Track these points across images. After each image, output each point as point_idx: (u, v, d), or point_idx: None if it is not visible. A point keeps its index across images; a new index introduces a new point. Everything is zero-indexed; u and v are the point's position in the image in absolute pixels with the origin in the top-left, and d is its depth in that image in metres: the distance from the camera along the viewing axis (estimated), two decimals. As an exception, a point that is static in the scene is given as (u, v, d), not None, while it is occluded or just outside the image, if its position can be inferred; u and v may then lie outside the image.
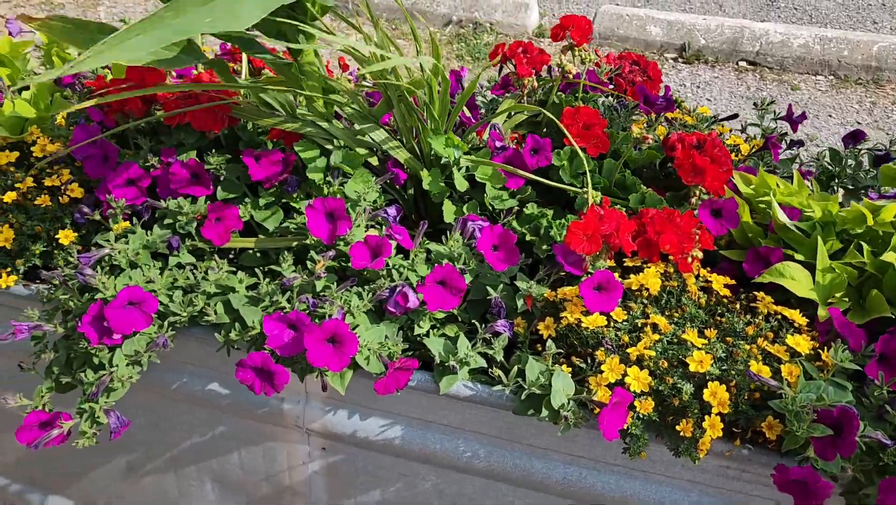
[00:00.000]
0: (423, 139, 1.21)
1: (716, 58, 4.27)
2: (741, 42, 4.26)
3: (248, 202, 1.16)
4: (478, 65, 4.30)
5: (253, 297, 1.05)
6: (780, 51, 4.22)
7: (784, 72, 4.22)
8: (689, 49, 4.30)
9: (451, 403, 1.05)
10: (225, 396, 1.16)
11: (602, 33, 4.37)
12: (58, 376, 1.05)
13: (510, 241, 1.07)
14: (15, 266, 1.14)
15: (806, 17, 5.08)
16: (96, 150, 1.16)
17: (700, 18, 4.42)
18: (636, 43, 4.38)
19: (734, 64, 4.26)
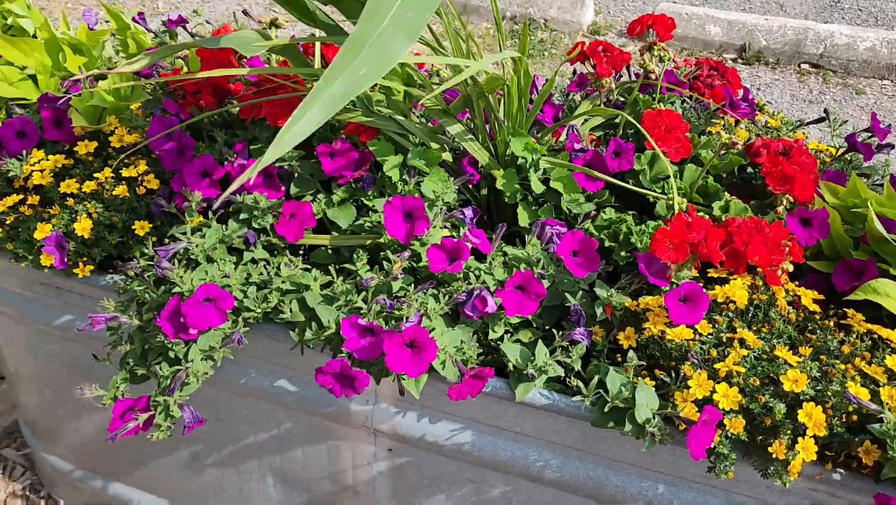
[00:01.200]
0: (500, 139, 1.19)
1: (777, 59, 4.16)
2: (804, 44, 4.15)
3: (322, 199, 1.14)
4: (532, 62, 4.25)
5: (327, 295, 1.03)
6: (844, 53, 4.09)
7: (848, 75, 4.09)
8: (750, 50, 4.20)
9: (524, 410, 1.03)
10: (292, 394, 1.15)
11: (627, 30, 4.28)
12: (132, 368, 1.05)
13: (591, 246, 1.04)
14: (91, 255, 1.15)
15: (871, 18, 4.92)
16: (173, 143, 1.16)
17: (762, 19, 4.31)
18: (694, 42, 4.28)
19: (796, 66, 4.15)
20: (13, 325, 1.35)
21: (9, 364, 1.48)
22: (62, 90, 1.29)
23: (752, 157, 1.22)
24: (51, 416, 1.49)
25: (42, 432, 1.57)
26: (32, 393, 1.49)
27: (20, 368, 1.45)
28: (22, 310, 1.29)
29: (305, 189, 1.15)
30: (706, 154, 1.23)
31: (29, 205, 1.15)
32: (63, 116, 1.21)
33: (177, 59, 1.33)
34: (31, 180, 1.18)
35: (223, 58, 1.14)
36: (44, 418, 1.53)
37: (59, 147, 1.22)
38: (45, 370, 1.39)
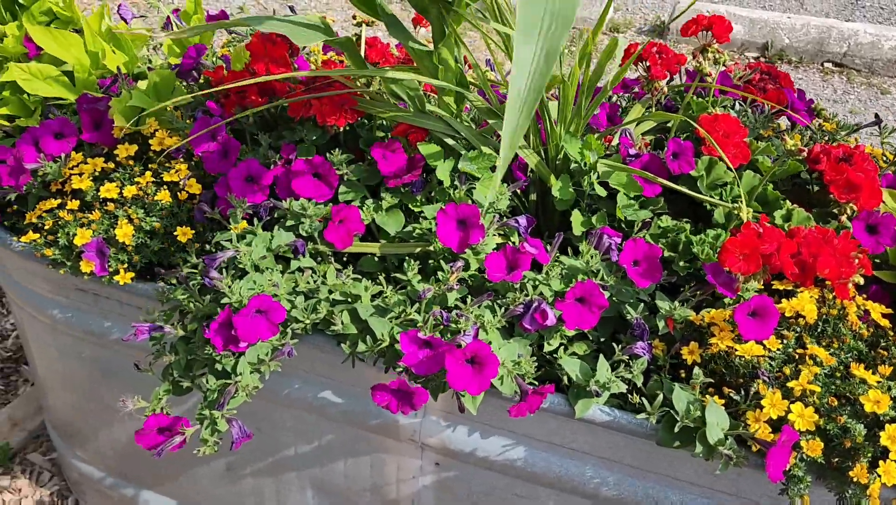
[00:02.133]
0: (552, 142, 1.15)
1: (800, 58, 4.10)
2: (827, 42, 4.09)
3: (371, 204, 1.11)
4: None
5: (379, 306, 1.00)
6: (869, 52, 4.04)
7: (873, 75, 4.04)
8: (772, 48, 4.14)
9: (581, 426, 0.99)
10: (336, 406, 1.12)
11: (680, 29, 4.23)
12: (176, 379, 1.02)
13: (654, 256, 1.00)
14: (131, 262, 1.11)
15: (894, 16, 4.86)
16: (216, 145, 1.12)
17: (784, 17, 4.26)
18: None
19: (819, 65, 4.10)
20: (47, 330, 1.32)
21: (39, 369, 1.45)
22: (100, 90, 1.25)
23: (810, 163, 1.18)
24: (82, 422, 1.47)
25: (71, 438, 1.55)
26: (63, 399, 1.46)
27: (51, 373, 1.42)
28: (56, 316, 1.25)
29: (355, 194, 1.11)
30: (763, 160, 1.19)
31: (68, 210, 1.11)
32: (102, 118, 1.17)
33: (217, 60, 1.29)
34: (69, 184, 1.15)
35: (277, 53, 1.11)
36: (74, 424, 1.50)
37: (97, 149, 1.19)
38: (78, 376, 1.36)
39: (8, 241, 1.21)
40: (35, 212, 1.16)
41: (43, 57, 1.30)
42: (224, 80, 1.19)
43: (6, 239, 1.21)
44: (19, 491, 1.68)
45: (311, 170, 1.09)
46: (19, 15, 1.35)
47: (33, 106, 1.27)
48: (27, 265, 1.22)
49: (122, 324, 1.21)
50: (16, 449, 1.77)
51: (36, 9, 1.32)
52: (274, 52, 1.11)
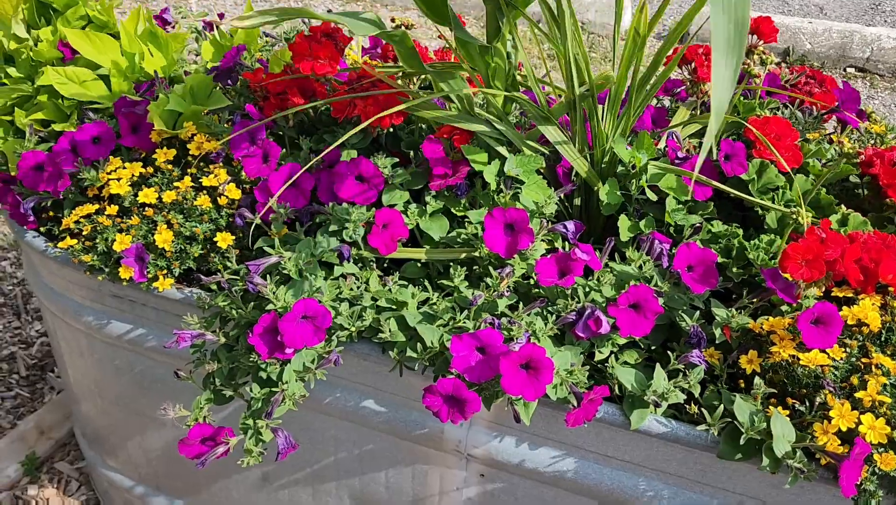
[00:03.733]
0: (598, 145, 1.13)
1: (822, 63, 4.06)
2: (850, 47, 4.05)
3: (415, 209, 1.08)
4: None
5: (426, 313, 0.97)
6: (892, 57, 3.99)
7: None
8: (793, 54, 4.11)
9: (635, 437, 0.96)
10: (379, 414, 1.09)
11: (700, 34, 4.20)
12: (218, 388, 1.00)
13: (708, 261, 0.98)
14: (170, 268, 1.09)
15: (915, 21, 4.81)
16: (256, 150, 1.10)
17: (805, 21, 4.22)
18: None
19: (842, 70, 4.05)
20: (81, 337, 1.30)
21: (71, 376, 1.44)
22: (136, 93, 1.24)
23: (862, 167, 1.15)
24: (114, 430, 1.45)
25: (102, 446, 1.53)
26: (95, 406, 1.45)
27: (84, 380, 1.41)
28: (91, 323, 1.24)
29: (397, 197, 1.09)
30: (814, 163, 1.16)
31: (107, 215, 1.10)
32: (140, 122, 1.16)
33: (255, 63, 1.27)
34: (106, 189, 1.13)
35: (323, 52, 1.09)
36: (105, 432, 1.48)
37: (134, 154, 1.17)
38: (112, 384, 1.34)
39: (43, 246, 1.19)
40: (71, 217, 1.14)
41: (78, 61, 1.29)
42: (263, 83, 1.18)
43: (41, 245, 1.19)
44: (47, 501, 1.66)
45: (354, 173, 1.07)
46: (53, 20, 1.34)
47: (69, 110, 1.25)
48: (63, 271, 1.21)
49: (159, 330, 1.19)
50: (43, 458, 1.75)
51: (71, 14, 1.31)
52: (320, 52, 1.09)
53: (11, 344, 2.07)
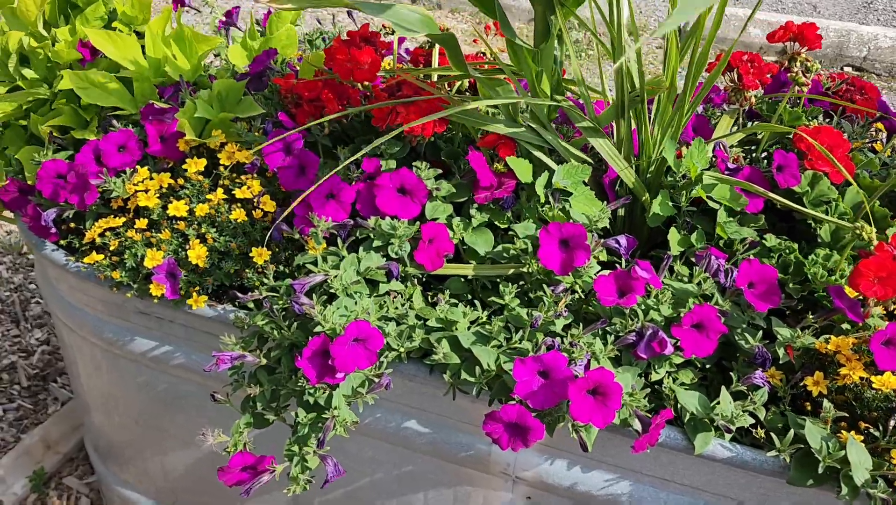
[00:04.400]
0: (644, 154, 1.09)
1: (819, 62, 4.06)
2: (847, 46, 4.06)
3: (459, 222, 1.04)
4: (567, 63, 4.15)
5: (480, 333, 0.93)
6: (889, 56, 4.01)
7: (893, 79, 4.01)
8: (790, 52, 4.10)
9: (696, 461, 0.93)
10: (422, 436, 1.05)
11: (744, 40, 4.17)
12: (259, 412, 0.95)
13: (769, 277, 0.94)
14: (203, 285, 1.05)
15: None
16: (292, 160, 1.06)
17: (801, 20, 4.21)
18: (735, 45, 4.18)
19: (839, 69, 4.06)
20: (98, 352, 1.24)
21: (85, 390, 1.38)
22: (160, 99, 1.18)
23: (913, 177, 1.12)
24: (131, 446, 1.39)
25: (116, 462, 1.47)
26: (111, 422, 1.39)
27: (101, 396, 1.35)
28: (113, 339, 1.18)
29: (441, 211, 1.05)
30: (863, 174, 1.13)
31: (137, 229, 1.04)
32: (168, 130, 1.10)
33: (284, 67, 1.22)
34: (132, 201, 1.08)
35: (363, 58, 1.04)
36: (121, 448, 1.43)
37: (161, 164, 1.12)
38: (132, 400, 1.29)
39: (63, 260, 1.14)
40: (94, 230, 1.09)
41: (99, 63, 1.23)
42: (296, 89, 1.13)
43: (61, 259, 1.14)
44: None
45: (396, 185, 1.03)
46: (72, 18, 1.27)
47: (89, 116, 1.20)
48: (84, 286, 1.15)
49: (187, 348, 1.14)
50: (50, 472, 1.69)
51: (91, 12, 1.25)
52: (360, 57, 1.05)
53: (11, 353, 2.00)
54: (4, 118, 1.23)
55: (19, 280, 2.27)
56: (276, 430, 0.98)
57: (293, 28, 1.27)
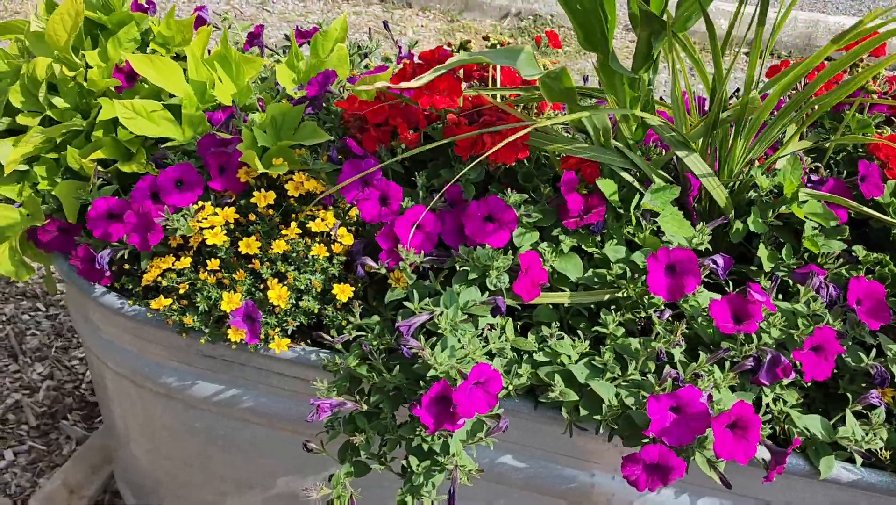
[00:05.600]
0: (726, 169, 1.07)
1: (789, 52, 4.13)
2: (815, 36, 4.14)
3: (547, 248, 1.00)
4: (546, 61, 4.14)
5: (593, 366, 0.90)
6: (855, 45, 4.09)
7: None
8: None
9: (812, 484, 0.92)
10: (519, 470, 1.01)
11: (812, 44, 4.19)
12: (360, 460, 0.90)
13: (876, 293, 0.93)
14: (283, 326, 0.98)
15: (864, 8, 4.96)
16: (372, 190, 1.00)
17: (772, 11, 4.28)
18: (702, 36, 4.23)
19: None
20: (151, 397, 1.17)
21: (130, 436, 1.30)
22: (212, 127, 1.11)
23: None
24: (180, 489, 1.32)
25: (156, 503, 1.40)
26: (153, 464, 1.31)
27: (145, 440, 1.27)
28: (170, 384, 1.11)
29: (528, 238, 1.00)
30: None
31: (210, 270, 0.97)
32: (228, 161, 1.04)
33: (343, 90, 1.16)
34: (195, 239, 1.01)
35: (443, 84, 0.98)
36: (166, 493, 1.35)
37: (224, 198, 1.05)
38: (185, 444, 1.21)
39: (117, 305, 1.06)
40: (153, 272, 1.02)
41: (138, 90, 1.15)
42: (362, 112, 1.07)
43: (114, 303, 1.06)
44: (87, 567, 1.52)
45: (483, 212, 0.98)
46: (101, 41, 1.19)
47: (134, 148, 1.11)
48: (141, 331, 1.08)
49: (257, 391, 1.08)
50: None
51: (124, 34, 1.16)
52: (440, 83, 0.99)
53: (14, 391, 1.88)
54: (35, 152, 1.14)
55: (10, 311, 2.15)
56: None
57: (343, 48, 1.20)
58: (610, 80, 0.98)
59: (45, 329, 2.10)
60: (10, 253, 1.09)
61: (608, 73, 0.97)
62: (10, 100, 1.16)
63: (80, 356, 2.01)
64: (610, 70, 0.96)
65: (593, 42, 0.94)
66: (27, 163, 1.15)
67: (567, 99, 0.93)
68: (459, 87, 1.01)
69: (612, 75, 0.98)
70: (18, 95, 1.16)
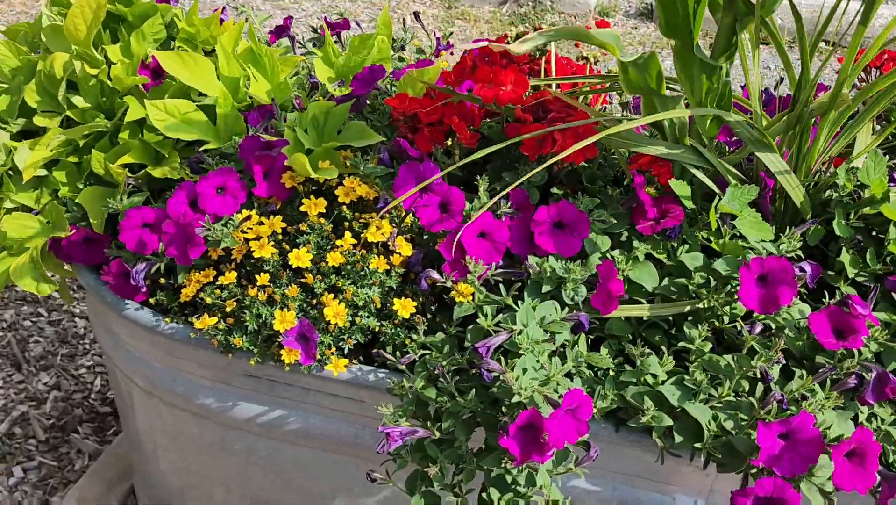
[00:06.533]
0: (804, 167, 1.00)
1: (792, 38, 4.08)
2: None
3: (619, 257, 0.93)
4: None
5: (684, 386, 0.83)
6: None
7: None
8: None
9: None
10: (592, 494, 0.95)
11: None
12: (433, 492, 0.83)
13: (979, 304, 0.87)
14: (339, 345, 0.91)
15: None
16: (432, 196, 0.92)
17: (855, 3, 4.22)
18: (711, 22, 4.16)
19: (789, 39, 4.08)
20: (186, 418, 1.09)
21: (159, 456, 1.22)
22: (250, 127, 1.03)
23: None
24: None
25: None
26: (186, 484, 1.24)
27: (178, 460, 1.19)
28: (209, 405, 1.03)
29: (601, 245, 0.93)
30: None
31: (259, 286, 0.89)
32: (272, 165, 0.95)
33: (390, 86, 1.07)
34: (237, 251, 0.93)
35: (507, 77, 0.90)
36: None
37: (268, 206, 0.97)
38: (222, 466, 1.13)
39: (152, 322, 0.98)
40: (191, 286, 0.94)
41: (166, 88, 1.06)
42: (413, 110, 0.99)
43: (149, 320, 0.98)
44: (108, 590, 1.44)
45: (554, 219, 0.91)
46: (124, 35, 1.09)
47: (165, 150, 1.03)
48: (177, 350, 1.00)
49: (305, 412, 1.00)
50: (93, 539, 1.52)
51: (148, 27, 1.07)
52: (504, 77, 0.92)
53: (19, 403, 1.79)
54: (54, 155, 1.05)
55: (10, 317, 2.05)
56: None
57: (385, 41, 1.12)
58: (687, 71, 0.91)
59: (49, 336, 2.00)
60: (32, 266, 1.00)
61: (686, 63, 0.90)
62: (26, 99, 1.07)
63: (87, 364, 1.92)
64: (688, 59, 0.89)
65: (673, 26, 0.87)
66: (46, 167, 1.06)
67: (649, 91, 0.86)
68: (526, 80, 0.93)
69: (691, 65, 0.91)
70: (34, 94, 1.06)
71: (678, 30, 0.87)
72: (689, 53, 0.88)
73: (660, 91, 0.87)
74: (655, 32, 4.14)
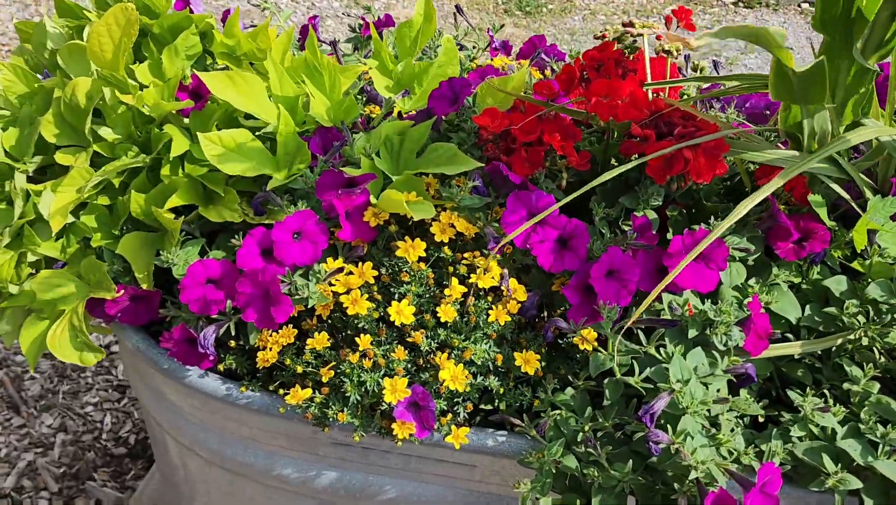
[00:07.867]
0: None
1: (777, 1, 4.01)
2: None
3: (755, 285, 0.83)
4: (531, 20, 3.91)
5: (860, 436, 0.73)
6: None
7: None
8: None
9: None
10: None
11: None
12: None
13: None
14: (456, 411, 0.78)
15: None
16: (548, 231, 0.80)
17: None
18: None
19: (796, 6, 4.02)
20: (258, 488, 0.96)
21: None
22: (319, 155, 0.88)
23: None
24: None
25: None
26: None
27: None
28: (288, 476, 0.90)
29: (739, 275, 0.82)
30: None
31: (361, 352, 0.76)
32: (357, 204, 0.82)
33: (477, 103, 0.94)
34: (322, 308, 0.80)
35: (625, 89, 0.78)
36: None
37: (354, 251, 0.83)
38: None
39: (221, 392, 0.84)
40: (271, 350, 0.80)
41: (209, 113, 0.91)
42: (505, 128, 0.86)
43: (219, 390, 0.85)
44: None
45: (687, 249, 0.80)
46: (152, 52, 0.94)
47: (217, 187, 0.88)
48: (255, 420, 0.86)
49: (404, 479, 0.88)
50: None
51: (182, 43, 0.92)
52: (621, 88, 0.79)
53: (24, 451, 1.63)
54: (82, 198, 0.89)
55: (0, 353, 1.87)
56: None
57: (452, 41, 0.98)
58: (834, 73, 0.80)
59: (45, 370, 1.83)
60: (72, 333, 0.86)
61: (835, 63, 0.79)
62: (42, 132, 0.91)
63: (93, 401, 1.76)
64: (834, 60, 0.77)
65: (826, 21, 0.75)
66: (72, 212, 0.91)
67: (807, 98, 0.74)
68: (645, 94, 0.81)
69: (838, 67, 0.80)
70: (52, 127, 0.91)
71: (830, 25, 0.76)
72: (844, 53, 0.76)
73: (822, 97, 0.75)
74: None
